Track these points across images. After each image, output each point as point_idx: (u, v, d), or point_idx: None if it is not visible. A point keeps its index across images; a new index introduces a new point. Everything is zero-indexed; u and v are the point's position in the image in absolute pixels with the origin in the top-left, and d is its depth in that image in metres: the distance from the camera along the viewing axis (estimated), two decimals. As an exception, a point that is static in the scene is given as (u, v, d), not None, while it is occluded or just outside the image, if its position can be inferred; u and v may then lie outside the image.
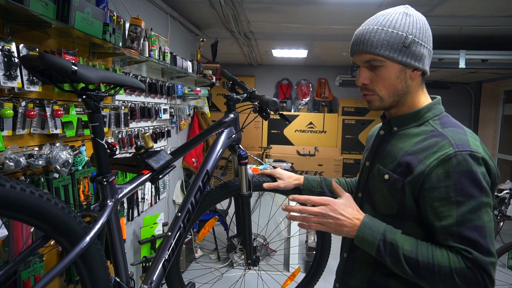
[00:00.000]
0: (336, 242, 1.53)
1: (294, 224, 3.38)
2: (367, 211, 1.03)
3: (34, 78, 1.41)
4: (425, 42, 0.95)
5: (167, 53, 2.73)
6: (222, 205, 3.54)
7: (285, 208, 1.06)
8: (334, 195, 1.34)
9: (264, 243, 3.16)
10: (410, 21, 0.94)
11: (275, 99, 1.36)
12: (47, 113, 1.50)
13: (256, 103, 1.45)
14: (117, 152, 1.23)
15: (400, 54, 0.93)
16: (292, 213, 1.04)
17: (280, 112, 1.46)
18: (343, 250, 1.15)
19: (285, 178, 1.44)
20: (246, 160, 1.41)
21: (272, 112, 1.44)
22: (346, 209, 0.98)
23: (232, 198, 1.49)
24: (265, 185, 1.43)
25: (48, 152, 1.48)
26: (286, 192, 1.53)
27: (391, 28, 0.93)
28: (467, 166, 0.87)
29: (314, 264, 1.64)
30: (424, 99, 1.02)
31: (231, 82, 1.49)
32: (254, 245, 1.57)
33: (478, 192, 0.86)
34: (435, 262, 0.86)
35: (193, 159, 3.82)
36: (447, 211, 0.87)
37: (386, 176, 0.98)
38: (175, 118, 3.31)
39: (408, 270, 0.89)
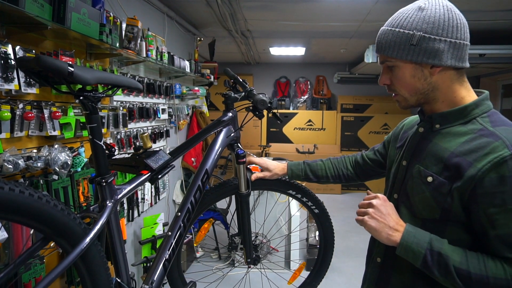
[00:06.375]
0: (340, 240, 1.52)
1: (294, 222, 3.38)
2: (404, 215, 0.98)
3: (31, 80, 1.41)
4: (441, 35, 0.88)
5: (165, 53, 2.73)
6: (225, 201, 3.54)
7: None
8: (320, 179, 1.39)
9: (266, 242, 3.16)
10: (421, 16, 0.89)
11: (264, 98, 1.34)
12: (45, 115, 1.50)
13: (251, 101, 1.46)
14: (116, 153, 1.23)
15: (409, 54, 0.90)
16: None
17: (273, 111, 1.47)
18: (374, 255, 1.09)
19: (271, 170, 1.43)
20: (244, 159, 1.41)
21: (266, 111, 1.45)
22: (393, 212, 0.96)
23: (233, 196, 1.50)
24: (253, 176, 1.43)
25: (47, 154, 1.48)
26: (279, 189, 1.52)
27: (398, 27, 0.91)
28: None
29: (317, 262, 1.62)
30: (466, 93, 0.95)
31: (232, 80, 1.49)
32: (256, 243, 1.58)
33: None
34: (489, 274, 0.81)
35: (192, 159, 3.82)
36: (503, 219, 0.81)
37: (430, 179, 0.91)
38: (173, 118, 3.30)
39: (459, 282, 0.83)
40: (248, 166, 1.45)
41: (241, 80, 1.49)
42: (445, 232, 0.90)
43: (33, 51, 1.45)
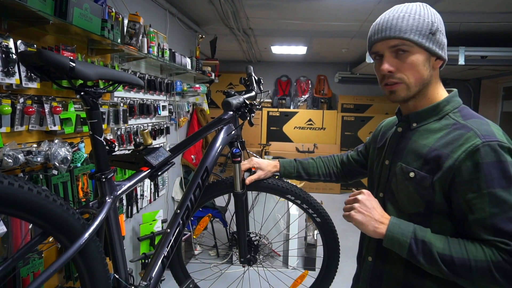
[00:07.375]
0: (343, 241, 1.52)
1: (293, 222, 3.38)
2: (390, 211, 1.01)
3: (32, 74, 1.41)
4: (444, 32, 0.96)
5: (166, 49, 2.73)
6: (224, 198, 3.54)
7: None
8: (311, 177, 1.39)
9: (268, 244, 3.15)
10: (432, 11, 0.95)
11: (229, 100, 1.22)
12: (46, 110, 1.50)
13: None
14: (116, 149, 1.23)
15: (428, 41, 0.93)
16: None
17: (252, 115, 1.38)
18: (366, 254, 1.11)
19: (264, 168, 1.41)
20: (239, 159, 1.39)
21: (254, 112, 1.38)
22: (377, 206, 0.99)
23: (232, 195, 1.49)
24: (247, 180, 1.39)
25: (47, 149, 1.48)
26: (277, 193, 1.48)
27: (417, 15, 0.93)
28: (496, 156, 0.85)
29: (320, 274, 1.53)
30: (442, 91, 1.01)
31: (246, 78, 1.48)
32: (258, 244, 1.56)
33: (508, 183, 0.83)
34: (471, 257, 0.84)
35: (192, 156, 3.82)
36: (479, 203, 0.85)
37: (412, 174, 0.95)
38: (174, 115, 3.30)
39: (444, 268, 0.86)
40: (250, 167, 1.44)
41: (255, 79, 1.48)
42: (431, 224, 0.93)
43: (35, 45, 1.44)
